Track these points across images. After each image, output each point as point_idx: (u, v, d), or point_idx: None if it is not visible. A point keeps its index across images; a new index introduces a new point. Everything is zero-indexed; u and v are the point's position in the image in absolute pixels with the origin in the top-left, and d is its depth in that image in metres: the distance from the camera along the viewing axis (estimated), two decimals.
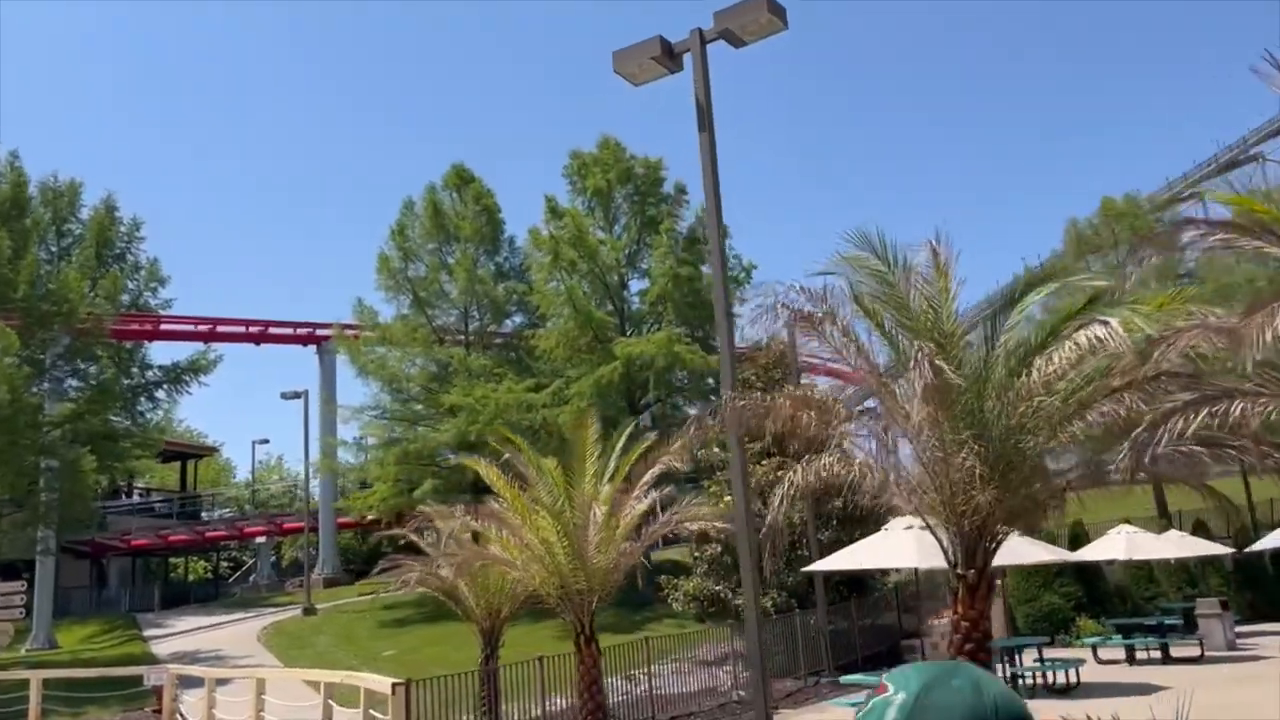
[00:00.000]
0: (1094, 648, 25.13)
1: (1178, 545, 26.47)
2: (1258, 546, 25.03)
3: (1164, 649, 25.09)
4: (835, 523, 25.33)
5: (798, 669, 22.40)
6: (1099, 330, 6.72)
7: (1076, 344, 6.97)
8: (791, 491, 8.01)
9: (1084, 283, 7.88)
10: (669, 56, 12.01)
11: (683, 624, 31.06)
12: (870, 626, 25.94)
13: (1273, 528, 37.57)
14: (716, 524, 13.12)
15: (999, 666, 21.78)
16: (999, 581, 31.31)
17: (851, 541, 26.53)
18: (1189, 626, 26.79)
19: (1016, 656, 22.42)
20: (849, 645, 24.27)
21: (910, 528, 15.77)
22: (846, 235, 8.05)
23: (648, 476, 11.97)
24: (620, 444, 12.58)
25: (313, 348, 48.75)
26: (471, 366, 35.46)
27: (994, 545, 8.14)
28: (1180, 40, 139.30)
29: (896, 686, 1.40)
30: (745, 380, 27.91)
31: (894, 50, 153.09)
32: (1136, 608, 31.24)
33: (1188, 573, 32.44)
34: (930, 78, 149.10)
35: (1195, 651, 24.73)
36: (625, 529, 12.06)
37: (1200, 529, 32.49)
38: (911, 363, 6.93)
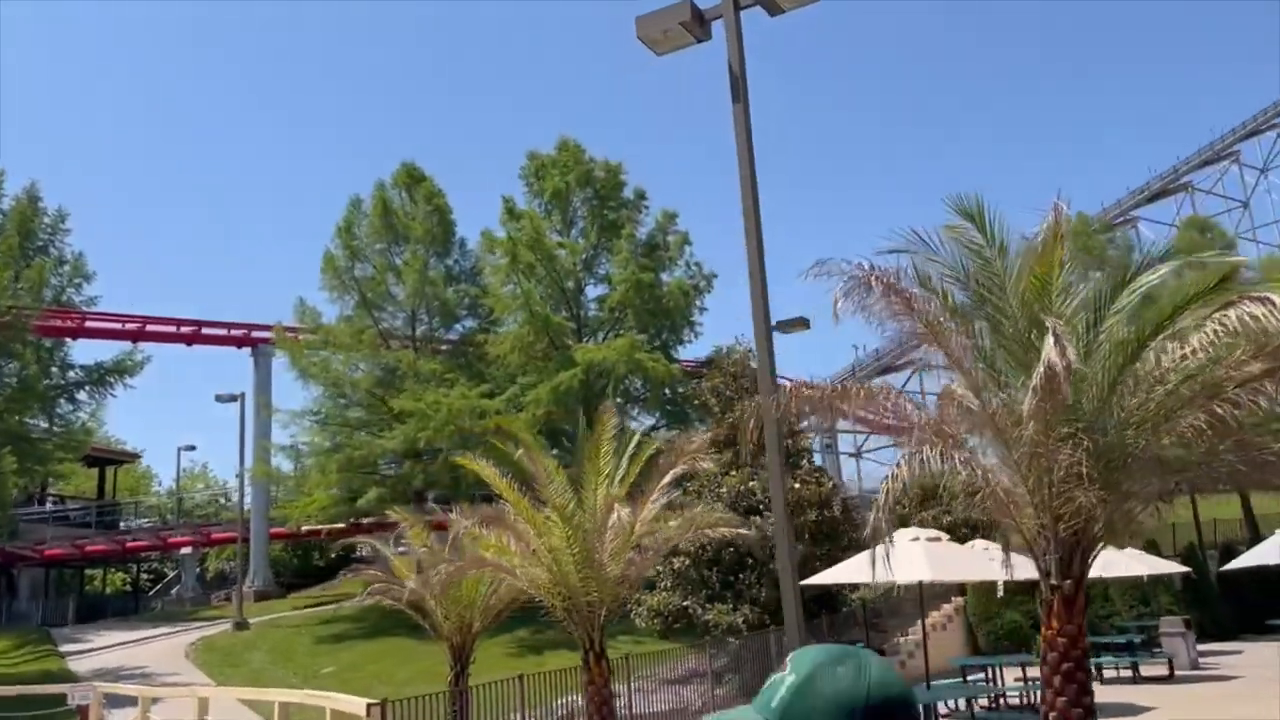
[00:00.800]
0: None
1: (1148, 563, 26.23)
2: (1237, 564, 24.86)
3: (1134, 668, 24.83)
4: (807, 537, 24.60)
5: None
6: (1256, 308, 5.97)
7: (1223, 325, 6.23)
8: (898, 486, 7.12)
9: (1214, 260, 7.18)
10: (698, 23, 11.17)
11: (640, 640, 30.01)
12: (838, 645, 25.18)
13: (1216, 547, 38.10)
14: (740, 531, 12.18)
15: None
16: (960, 600, 31.06)
17: (824, 556, 25.88)
18: (1146, 645, 26.63)
19: (998, 673, 21.89)
20: None
21: (916, 539, 15.00)
22: (947, 201, 7.22)
23: (668, 478, 10.99)
24: (631, 446, 11.59)
25: (247, 350, 46.72)
26: (421, 371, 34.09)
27: (1092, 553, 7.34)
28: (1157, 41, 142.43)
29: (792, 667, 1.49)
30: (714, 389, 27.10)
31: (864, 52, 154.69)
32: (1092, 626, 31.08)
33: (1140, 591, 32.41)
34: (907, 79, 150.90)
35: (1163, 670, 24.52)
36: (638, 535, 11.06)
37: (1150, 547, 32.52)
38: (1050, 341, 6.08)
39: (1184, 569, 29.25)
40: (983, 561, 14.96)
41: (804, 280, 8.11)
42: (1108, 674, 24.88)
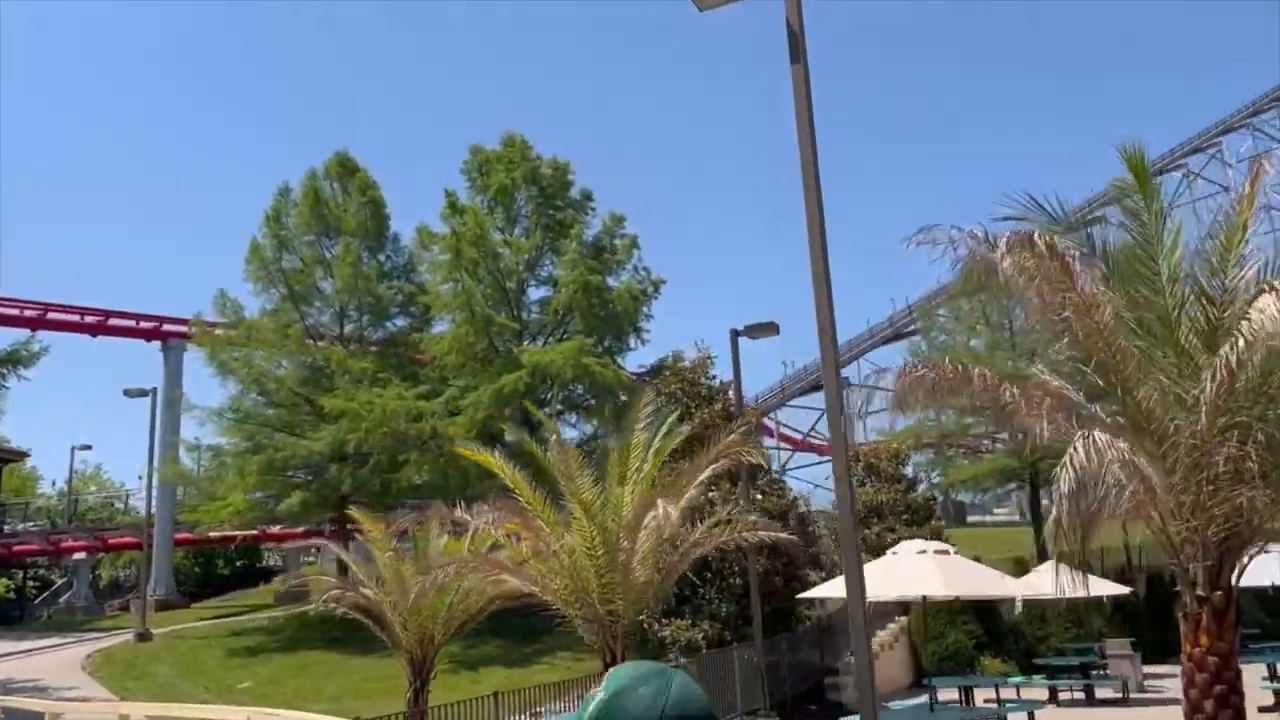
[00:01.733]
0: (1018, 687, 24.26)
1: (1096, 584, 26.03)
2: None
3: (1089, 690, 24.57)
4: (766, 551, 23.66)
5: (734, 709, 20.45)
6: None
7: None
8: (1071, 477, 6.14)
9: None
10: None
11: (580, 656, 28.76)
12: (793, 663, 24.33)
13: (1143, 570, 38.51)
14: (781, 536, 11.11)
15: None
16: (904, 619, 30.58)
17: (783, 571, 25.05)
18: (1093, 666, 26.43)
19: (969, 694, 21.29)
20: (778, 682, 22.55)
21: (924, 552, 14.17)
22: (1118, 150, 6.37)
23: (706, 473, 9.86)
24: (657, 438, 10.42)
25: (156, 344, 44.10)
26: (352, 369, 32.29)
27: (1242, 560, 6.52)
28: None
29: (605, 685, 1.55)
30: (671, 395, 26.05)
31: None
32: (1029, 647, 31.05)
33: (1075, 614, 32.43)
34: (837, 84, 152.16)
35: (1117, 693, 24.29)
36: (670, 539, 9.91)
37: (1084, 568, 32.57)
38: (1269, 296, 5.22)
39: (1125, 589, 29.25)
40: (993, 578, 14.20)
41: (908, 248, 7.18)
42: (1061, 696, 24.59)
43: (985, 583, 14.19)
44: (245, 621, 36.73)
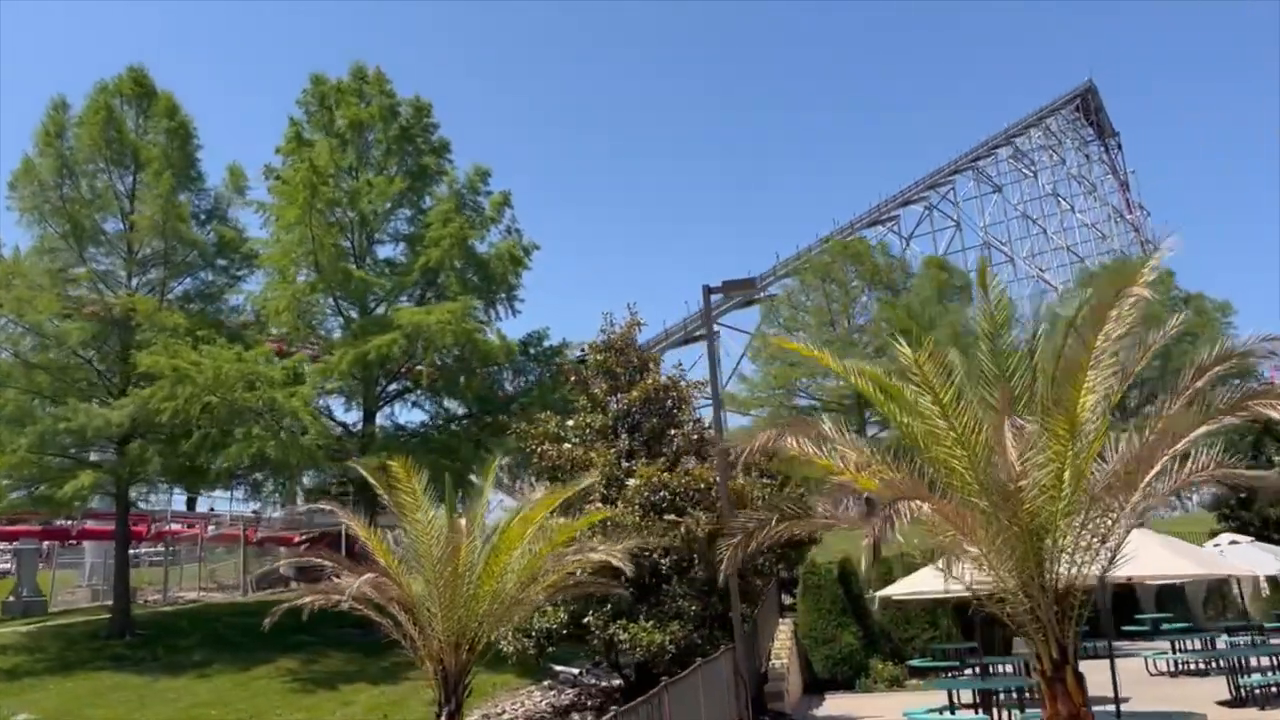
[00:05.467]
0: (951, 691, 22.69)
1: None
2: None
3: (1025, 694, 23.50)
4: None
5: None
6: None
7: None
8: None
9: None
10: None
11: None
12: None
13: None
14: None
15: None
16: (790, 618, 28.57)
17: (747, 561, 22.11)
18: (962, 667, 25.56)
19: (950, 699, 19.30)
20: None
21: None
22: None
23: (1207, 376, 6.72)
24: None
25: None
26: (164, 324, 26.17)
27: None
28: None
29: None
30: (604, 368, 22.52)
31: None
32: (896, 649, 30.15)
33: (931, 615, 31.95)
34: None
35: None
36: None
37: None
38: None
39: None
40: (1212, 555, 12.15)
41: None
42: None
43: (1207, 559, 12.08)
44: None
